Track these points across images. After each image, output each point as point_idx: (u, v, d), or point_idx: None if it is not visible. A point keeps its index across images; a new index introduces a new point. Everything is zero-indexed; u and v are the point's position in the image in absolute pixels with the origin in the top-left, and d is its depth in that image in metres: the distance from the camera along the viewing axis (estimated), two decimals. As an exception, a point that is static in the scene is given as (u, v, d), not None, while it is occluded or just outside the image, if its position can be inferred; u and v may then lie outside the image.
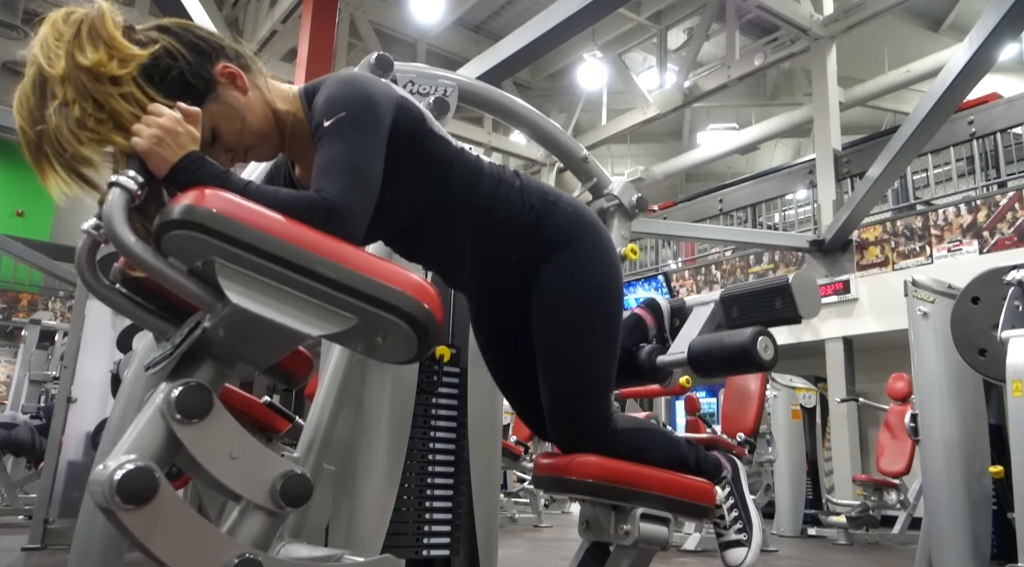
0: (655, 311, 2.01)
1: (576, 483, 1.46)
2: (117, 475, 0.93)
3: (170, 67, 1.19)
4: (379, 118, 1.27)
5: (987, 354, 3.14)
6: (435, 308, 1.09)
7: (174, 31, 1.23)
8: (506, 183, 1.47)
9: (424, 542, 2.09)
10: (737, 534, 1.65)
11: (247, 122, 1.28)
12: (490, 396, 2.32)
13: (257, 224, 1.02)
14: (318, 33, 7.98)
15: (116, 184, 1.05)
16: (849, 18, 8.97)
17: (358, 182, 1.19)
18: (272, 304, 1.03)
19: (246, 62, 1.31)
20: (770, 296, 1.87)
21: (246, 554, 1.02)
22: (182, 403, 1.01)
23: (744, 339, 1.73)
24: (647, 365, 1.92)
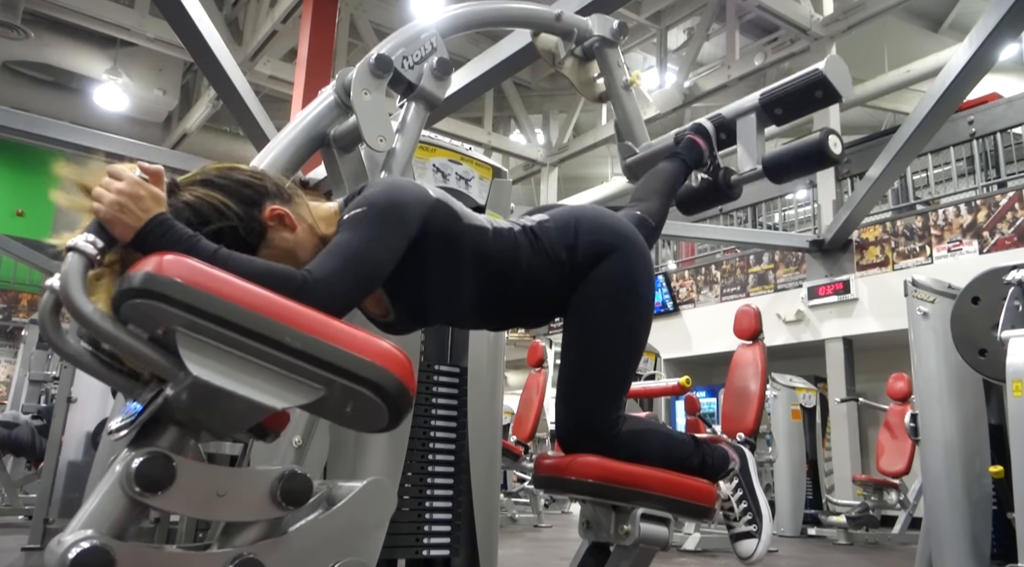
0: (704, 135, 2.09)
1: (576, 483, 1.46)
2: (71, 554, 0.90)
3: (223, 228, 1.18)
4: (401, 218, 1.27)
5: (987, 354, 3.14)
6: (407, 378, 1.06)
7: (217, 183, 1.21)
8: (537, 251, 1.50)
9: (424, 542, 2.09)
10: (747, 525, 1.65)
11: (299, 257, 1.26)
12: (490, 396, 2.32)
13: (220, 292, 0.98)
14: (318, 33, 7.98)
15: (74, 248, 1.01)
16: (849, 18, 8.97)
17: (349, 265, 1.18)
18: (235, 375, 0.99)
19: (288, 194, 1.30)
20: (809, 90, 1.98)
21: (243, 554, 1.01)
22: (142, 476, 0.97)
23: (816, 138, 1.91)
24: (724, 184, 2.07)
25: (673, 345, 9.80)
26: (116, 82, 11.64)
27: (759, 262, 9.59)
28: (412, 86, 1.95)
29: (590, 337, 1.51)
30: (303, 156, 1.89)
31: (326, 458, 1.99)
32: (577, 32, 2.42)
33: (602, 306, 1.50)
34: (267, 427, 1.23)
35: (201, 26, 4.88)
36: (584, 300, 1.51)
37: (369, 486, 1.14)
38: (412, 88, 1.96)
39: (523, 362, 7.03)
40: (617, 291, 1.51)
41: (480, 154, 2.44)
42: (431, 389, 2.20)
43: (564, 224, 1.54)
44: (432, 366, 2.22)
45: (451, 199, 1.45)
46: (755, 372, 4.73)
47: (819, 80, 1.94)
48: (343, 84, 1.88)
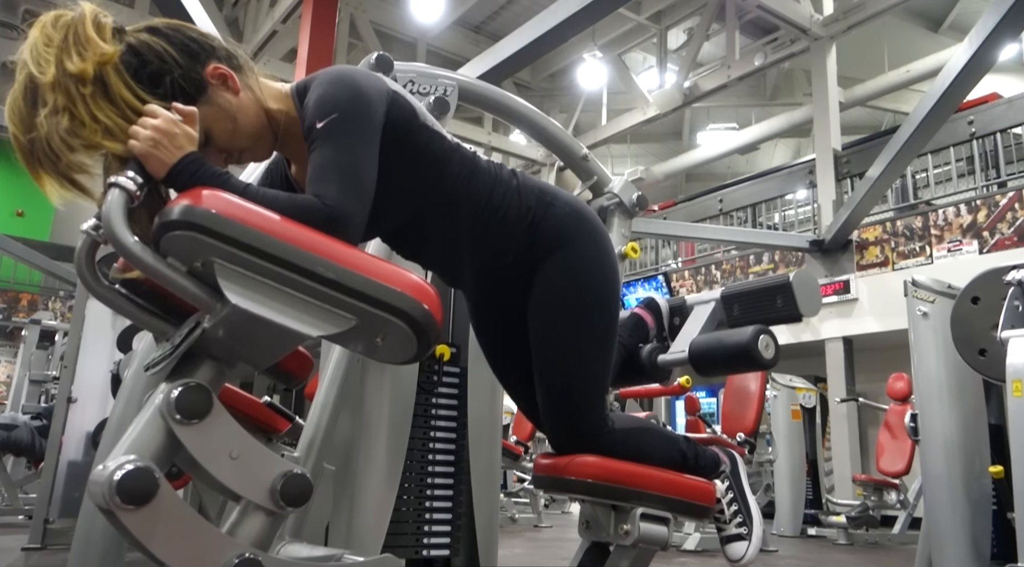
0: (654, 311, 2.03)
1: (576, 483, 1.46)
2: (117, 475, 0.93)
3: (160, 70, 1.19)
4: (371, 117, 1.26)
5: (987, 354, 3.14)
6: (435, 308, 1.09)
7: (164, 32, 1.23)
8: (503, 182, 1.46)
9: (424, 542, 2.09)
10: (738, 528, 1.65)
11: (239, 123, 1.27)
12: (490, 396, 2.32)
13: (256, 224, 1.02)
14: (318, 33, 7.98)
15: (115, 185, 1.05)
16: (849, 18, 8.97)
17: (354, 185, 1.18)
18: (271, 304, 1.02)
19: (238, 62, 1.31)
20: (771, 294, 1.88)
21: (246, 554, 1.02)
22: (182, 403, 1.01)
23: (745, 338, 1.73)
24: (648, 364, 1.93)
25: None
26: (116, 82, 11.62)
27: (759, 262, 9.59)
28: None
29: (558, 336, 1.47)
30: (303, 156, 1.89)
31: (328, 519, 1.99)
32: (597, 180, 2.38)
33: (567, 300, 1.46)
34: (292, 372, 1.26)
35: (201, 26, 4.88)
36: (547, 294, 1.46)
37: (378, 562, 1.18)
38: None
39: (523, 362, 7.03)
40: (583, 283, 1.47)
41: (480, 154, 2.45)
42: (431, 389, 2.20)
43: (546, 186, 1.53)
44: (432, 366, 2.22)
45: (410, 96, 1.41)
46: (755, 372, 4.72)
47: (783, 286, 1.87)
48: (343, 84, 1.88)
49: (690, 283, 10.41)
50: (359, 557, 1.19)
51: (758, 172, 12.20)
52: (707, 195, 11.50)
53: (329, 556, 1.18)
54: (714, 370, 1.87)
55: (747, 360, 1.74)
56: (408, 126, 1.35)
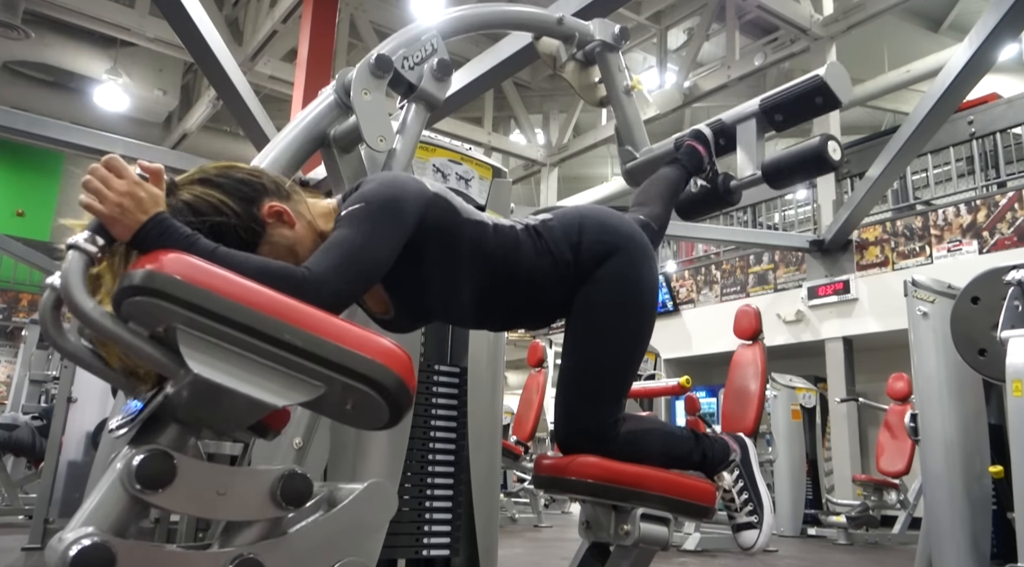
0: (703, 141, 2.09)
1: (576, 483, 1.46)
2: (72, 551, 0.89)
3: (221, 224, 1.18)
4: (399, 212, 1.27)
5: (987, 354, 3.14)
6: (407, 375, 1.06)
7: (215, 182, 1.22)
8: (540, 250, 1.49)
9: (424, 542, 2.09)
10: (748, 516, 1.64)
11: (298, 253, 1.26)
12: (490, 396, 2.32)
13: (220, 290, 0.99)
14: (318, 33, 7.98)
15: (74, 247, 1.01)
16: (849, 18, 8.97)
17: (348, 261, 1.18)
18: (235, 373, 0.99)
19: (286, 191, 1.30)
20: (810, 95, 1.97)
21: (243, 554, 1.01)
22: (143, 473, 0.97)
23: (815, 144, 1.89)
24: (723, 190, 2.07)
25: (673, 345, 9.81)
26: (116, 82, 11.64)
27: (759, 262, 9.59)
28: (412, 87, 1.95)
29: (593, 339, 1.50)
30: (303, 156, 1.89)
31: (326, 460, 1.99)
32: (578, 36, 2.42)
33: (605, 308, 1.50)
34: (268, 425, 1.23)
35: (201, 26, 4.88)
36: (587, 301, 1.50)
37: (370, 488, 1.14)
38: (412, 89, 1.96)
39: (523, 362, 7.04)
40: (621, 292, 1.51)
41: (480, 154, 2.45)
42: (431, 389, 2.20)
43: (568, 223, 1.54)
44: (432, 366, 2.22)
45: (450, 194, 1.44)
46: (755, 372, 4.73)
47: (819, 86, 1.94)
48: (343, 84, 1.88)
49: (690, 283, 10.41)
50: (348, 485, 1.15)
51: (758, 172, 12.16)
52: (707, 195, 11.47)
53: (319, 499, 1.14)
54: (787, 180, 2.01)
55: (819, 164, 1.90)
56: (450, 225, 1.39)
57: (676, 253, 11.84)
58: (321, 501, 1.13)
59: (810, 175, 2.07)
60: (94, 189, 1.04)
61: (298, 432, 1.82)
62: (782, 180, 2.00)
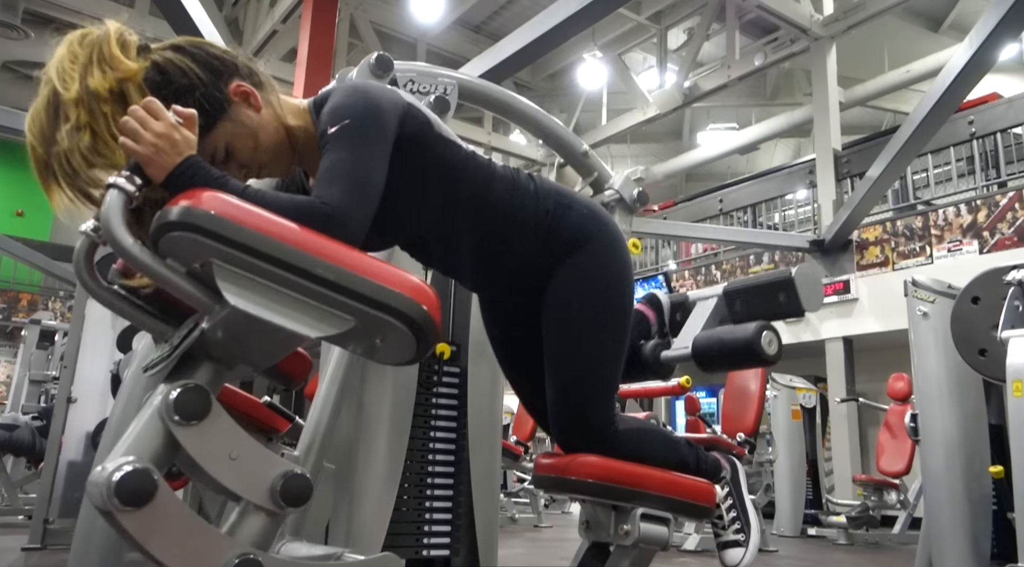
0: (656, 306, 2.03)
1: (577, 483, 1.46)
2: (115, 477, 0.93)
3: (184, 87, 1.20)
4: (383, 126, 1.27)
5: (987, 354, 3.14)
6: (433, 310, 1.09)
7: (187, 50, 1.24)
8: (520, 187, 1.48)
9: (424, 542, 2.09)
10: (735, 534, 1.65)
11: (260, 140, 1.29)
12: (490, 396, 2.32)
13: (255, 226, 1.02)
14: (318, 33, 7.98)
15: (114, 185, 1.05)
16: (849, 18, 8.97)
17: (358, 189, 1.19)
18: (270, 306, 1.02)
19: (259, 79, 1.32)
20: (773, 290, 1.87)
21: (247, 554, 1.02)
22: (180, 405, 1.01)
23: (748, 334, 1.73)
24: (651, 360, 1.93)
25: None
26: (116, 82, 11.63)
27: (759, 262, 9.59)
28: None
29: (572, 335, 1.48)
30: (303, 156, 1.89)
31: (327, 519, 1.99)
32: (597, 176, 2.39)
33: (582, 300, 1.48)
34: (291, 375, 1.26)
35: (201, 26, 4.88)
36: (563, 292, 1.48)
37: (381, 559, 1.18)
38: None
39: (523, 362, 7.03)
40: (598, 284, 1.49)
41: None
42: (431, 389, 2.20)
43: (563, 189, 1.55)
44: (432, 366, 2.22)
45: (425, 108, 1.42)
46: (755, 372, 4.73)
47: (786, 282, 1.86)
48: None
49: (690, 283, 10.41)
50: (359, 555, 1.18)
51: (758, 172, 12.19)
52: (707, 195, 11.49)
53: (329, 555, 1.18)
54: (717, 366, 1.87)
55: (750, 356, 1.73)
56: (424, 138, 1.37)
57: (676, 253, 11.84)
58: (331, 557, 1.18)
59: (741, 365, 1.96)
60: (131, 129, 1.08)
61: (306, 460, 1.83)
62: (710, 364, 1.86)
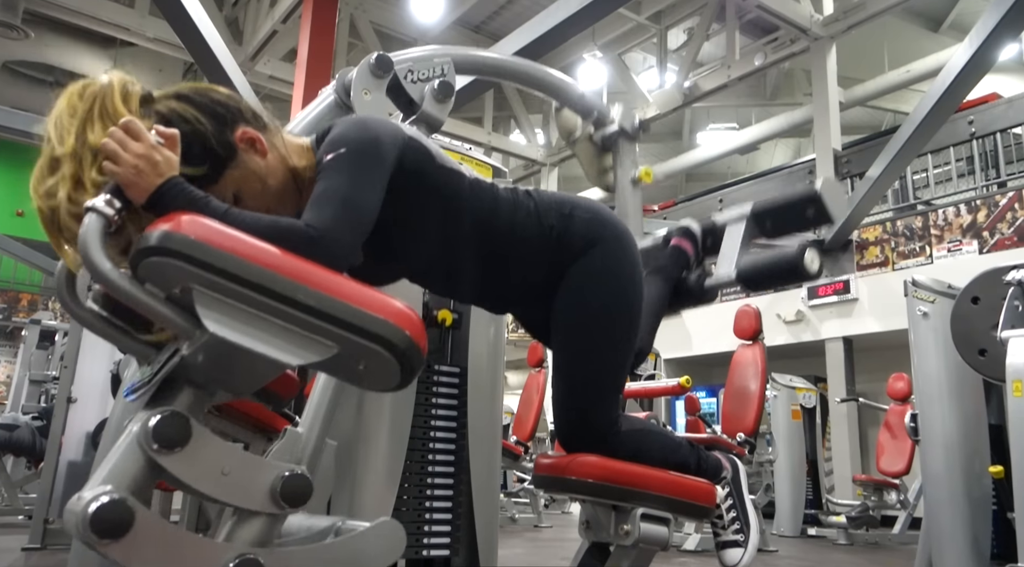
0: (691, 237, 2.05)
1: (577, 483, 1.46)
2: (91, 508, 0.91)
3: (191, 138, 1.18)
4: (380, 156, 1.27)
5: (987, 354, 3.14)
6: (417, 335, 1.07)
7: (191, 98, 1.23)
8: (522, 208, 1.49)
9: (424, 542, 2.10)
10: (735, 534, 1.65)
11: (268, 184, 1.28)
12: (490, 396, 2.32)
13: (235, 251, 1.00)
14: (318, 33, 7.99)
15: (92, 209, 1.02)
16: (849, 18, 8.97)
17: (347, 213, 1.18)
18: (250, 332, 1.00)
19: (263, 122, 1.31)
20: (801, 206, 1.92)
21: (245, 554, 1.02)
22: (159, 433, 0.98)
23: (792, 253, 1.83)
24: (696, 289, 2.00)
25: (673, 345, 9.80)
26: (116, 82, 11.63)
27: (759, 262, 9.58)
28: (411, 102, 1.94)
29: (581, 335, 1.50)
30: (303, 156, 1.88)
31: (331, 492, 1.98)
32: (597, 115, 2.40)
33: (592, 301, 1.49)
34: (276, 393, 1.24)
35: (201, 26, 4.89)
36: (572, 294, 1.49)
37: (381, 525, 1.16)
38: (411, 104, 1.95)
39: (523, 362, 7.03)
40: (606, 284, 1.50)
41: (480, 154, 2.45)
42: (431, 389, 2.20)
43: (562, 198, 1.55)
44: (432, 366, 2.22)
45: (426, 139, 1.43)
46: (755, 372, 4.73)
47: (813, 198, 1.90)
48: (343, 84, 1.88)
49: (690, 283, 10.40)
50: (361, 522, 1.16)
51: (758, 172, 12.20)
52: (707, 195, 11.49)
53: (329, 528, 1.16)
54: (762, 285, 1.96)
55: (794, 274, 1.84)
56: (426, 170, 1.38)
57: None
58: (330, 530, 1.15)
59: (786, 283, 2.04)
60: (111, 151, 1.05)
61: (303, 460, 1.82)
62: (757, 285, 1.96)
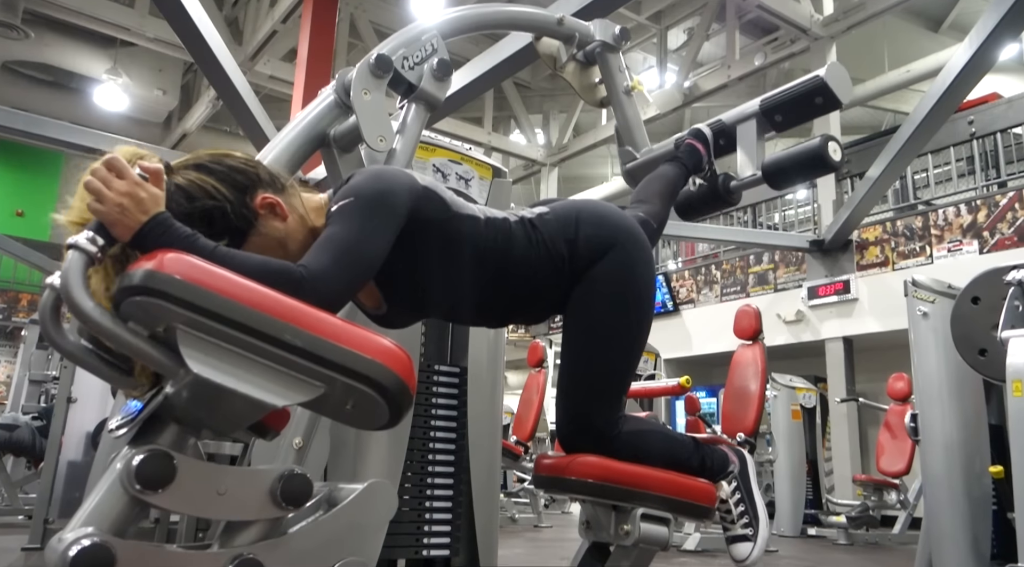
0: (703, 139, 2.11)
1: (577, 483, 1.47)
2: (71, 552, 0.89)
3: (211, 208, 1.18)
4: (391, 206, 1.27)
5: (987, 354, 3.14)
6: (407, 375, 1.06)
7: (209, 168, 1.22)
8: (534, 242, 1.49)
9: (424, 542, 2.09)
10: (743, 528, 1.65)
11: (288, 248, 1.27)
12: (490, 396, 2.32)
13: (220, 290, 0.98)
14: (318, 33, 7.99)
15: (74, 247, 1.01)
16: (849, 18, 8.97)
17: (343, 256, 1.18)
18: (235, 373, 0.98)
19: (281, 184, 1.31)
20: (810, 95, 1.97)
21: (241, 555, 1.02)
22: (143, 474, 0.96)
23: (816, 144, 1.89)
24: (723, 189, 2.08)
25: (673, 345, 9.80)
26: (116, 82, 11.64)
27: (759, 262, 9.59)
28: (412, 87, 1.95)
29: (590, 336, 1.50)
30: (303, 156, 1.89)
31: (327, 460, 1.99)
32: (579, 37, 2.42)
33: (602, 304, 1.49)
34: (267, 425, 1.23)
35: (201, 26, 4.88)
36: (584, 298, 1.50)
37: (370, 488, 1.14)
38: (412, 89, 1.96)
39: (523, 362, 7.04)
40: (617, 290, 1.50)
41: (480, 154, 2.45)
42: (431, 389, 2.20)
43: (565, 217, 1.54)
44: (432, 366, 2.22)
45: (440, 187, 1.44)
46: (755, 372, 4.73)
47: (819, 86, 1.94)
48: (343, 84, 1.88)
49: (690, 283, 10.41)
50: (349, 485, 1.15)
51: (758, 172, 12.16)
52: (707, 195, 11.47)
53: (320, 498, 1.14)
54: (788, 180, 2.02)
55: (820, 164, 1.91)
56: (442, 217, 1.38)
57: (676, 253, 11.84)
58: (321, 501, 1.13)
59: (811, 176, 2.08)
60: (95, 189, 1.03)
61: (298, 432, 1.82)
62: (782, 180, 2.00)
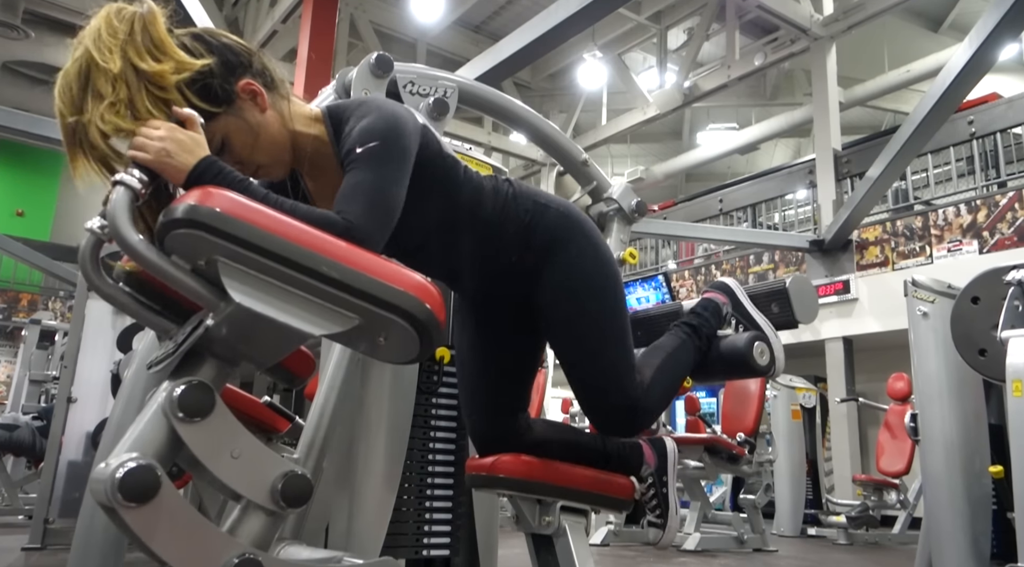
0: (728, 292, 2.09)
1: (504, 480, 1.59)
2: (119, 473, 0.93)
3: (194, 75, 1.20)
4: (406, 149, 1.31)
5: (987, 354, 3.13)
6: (437, 308, 1.09)
7: (205, 39, 1.25)
8: (502, 194, 1.55)
9: (424, 542, 2.09)
10: (657, 518, 1.82)
11: (260, 140, 1.30)
12: (490, 396, 2.31)
13: (260, 224, 1.02)
14: (318, 33, 7.99)
15: (120, 182, 1.06)
16: (849, 18, 8.97)
17: (379, 207, 1.22)
18: (275, 303, 1.03)
19: (271, 79, 1.33)
20: (766, 301, 1.86)
21: (246, 554, 1.02)
22: (184, 401, 1.01)
23: (740, 346, 1.70)
24: None
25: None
26: (116, 82, 11.63)
27: (759, 262, 9.59)
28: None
29: (577, 326, 1.57)
30: (303, 156, 1.89)
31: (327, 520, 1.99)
32: (596, 185, 2.36)
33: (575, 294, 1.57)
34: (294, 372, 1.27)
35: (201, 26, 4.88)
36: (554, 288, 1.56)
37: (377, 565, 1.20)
38: None
39: (523, 362, 7.04)
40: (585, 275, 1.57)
41: (480, 154, 2.45)
42: (431, 389, 2.20)
43: (540, 191, 1.64)
44: (432, 366, 2.22)
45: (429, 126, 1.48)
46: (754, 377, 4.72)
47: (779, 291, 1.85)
48: (343, 84, 1.89)
49: (690, 283, 10.41)
50: (358, 559, 1.18)
51: (758, 172, 12.19)
52: (707, 195, 11.50)
53: (329, 558, 1.19)
54: (711, 378, 1.93)
55: (744, 368, 1.72)
56: (436, 159, 1.44)
57: (676, 253, 11.84)
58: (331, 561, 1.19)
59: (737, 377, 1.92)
60: (139, 144, 1.09)
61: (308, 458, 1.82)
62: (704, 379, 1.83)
